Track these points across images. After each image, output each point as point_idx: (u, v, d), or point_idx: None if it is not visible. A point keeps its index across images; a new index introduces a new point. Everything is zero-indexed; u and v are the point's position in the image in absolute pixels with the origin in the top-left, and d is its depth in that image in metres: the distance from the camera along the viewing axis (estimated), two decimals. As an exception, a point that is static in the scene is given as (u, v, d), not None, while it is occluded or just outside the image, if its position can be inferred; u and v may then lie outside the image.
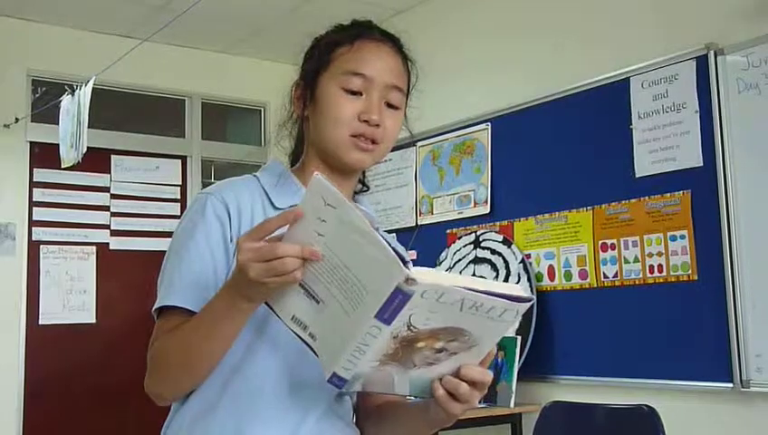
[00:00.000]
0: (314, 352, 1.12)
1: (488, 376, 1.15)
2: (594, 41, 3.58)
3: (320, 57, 1.37)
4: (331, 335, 1.09)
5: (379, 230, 1.03)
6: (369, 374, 1.11)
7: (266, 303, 1.14)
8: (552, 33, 3.78)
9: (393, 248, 1.00)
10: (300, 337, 1.13)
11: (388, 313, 1.01)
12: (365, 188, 1.50)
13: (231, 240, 1.27)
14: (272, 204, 1.32)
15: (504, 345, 3.59)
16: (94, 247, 4.77)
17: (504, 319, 1.07)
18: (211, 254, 1.26)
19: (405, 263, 0.98)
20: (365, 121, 1.31)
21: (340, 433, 1.33)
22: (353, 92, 1.32)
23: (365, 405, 1.43)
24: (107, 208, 4.84)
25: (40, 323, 4.55)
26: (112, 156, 4.88)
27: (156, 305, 1.27)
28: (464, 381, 1.14)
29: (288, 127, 1.45)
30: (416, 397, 1.20)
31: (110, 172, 4.87)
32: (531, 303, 1.06)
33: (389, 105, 1.35)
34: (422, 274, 0.99)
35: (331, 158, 1.35)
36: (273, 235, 1.08)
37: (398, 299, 0.99)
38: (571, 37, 3.69)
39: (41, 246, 4.61)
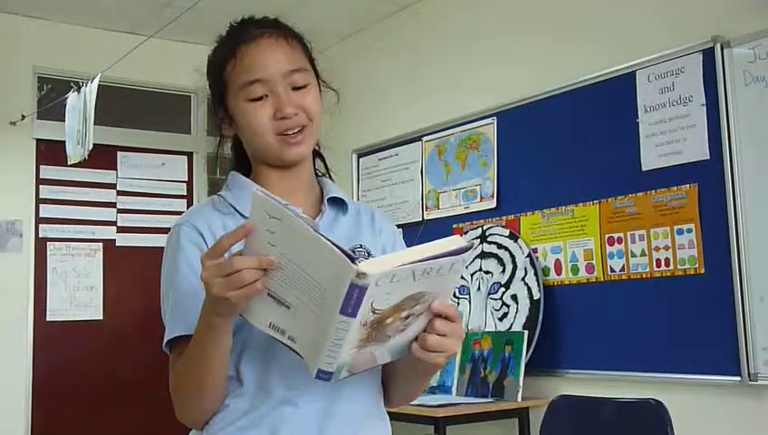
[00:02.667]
0: (297, 353, 1.16)
1: (448, 309, 1.19)
2: (600, 34, 3.57)
3: (215, 83, 1.42)
4: (308, 335, 1.13)
5: (319, 231, 1.07)
6: (351, 360, 1.16)
7: (243, 317, 1.18)
8: (558, 27, 3.76)
9: (339, 247, 1.04)
10: (280, 341, 1.17)
11: (350, 307, 1.06)
12: (325, 172, 1.53)
13: None
14: (242, 215, 1.35)
15: (512, 340, 3.60)
16: (101, 244, 4.79)
17: (454, 271, 1.13)
18: (197, 277, 1.26)
19: (353, 260, 1.03)
20: (282, 118, 1.34)
21: (371, 402, 1.38)
22: (259, 98, 1.34)
23: None
24: (113, 205, 4.85)
25: (47, 319, 4.57)
26: (118, 152, 4.90)
27: (169, 337, 1.32)
28: (431, 333, 1.19)
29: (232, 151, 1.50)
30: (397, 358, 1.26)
31: (116, 169, 4.89)
32: (472, 249, 1.13)
33: (296, 88, 1.36)
34: (370, 265, 1.04)
35: (272, 161, 1.39)
36: (233, 251, 1.12)
37: (356, 293, 1.04)
38: (576, 31, 3.68)
39: (48, 242, 4.62)
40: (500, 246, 3.86)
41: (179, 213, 5.18)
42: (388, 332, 1.16)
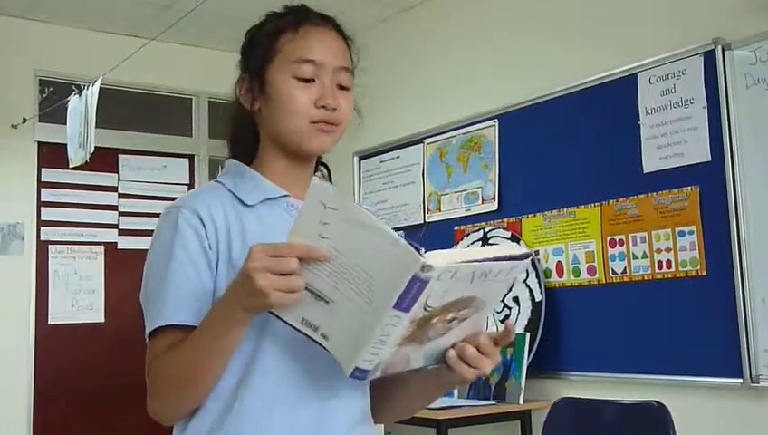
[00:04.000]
0: (329, 351, 1.13)
1: (511, 335, 1.22)
2: (601, 37, 3.57)
3: (264, 49, 1.34)
4: (347, 333, 1.09)
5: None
6: (387, 359, 1.13)
7: (273, 313, 1.13)
8: (560, 30, 3.77)
9: (404, 238, 1.01)
10: (312, 339, 1.13)
11: (406, 301, 1.03)
12: (321, 168, 1.48)
13: (210, 248, 1.26)
14: (242, 203, 1.31)
15: (514, 342, 3.59)
16: (102, 247, 4.79)
17: (510, 277, 1.14)
18: (193, 265, 1.24)
19: (418, 251, 1.00)
20: (322, 107, 1.30)
21: (361, 410, 1.34)
22: (306, 80, 1.30)
23: None
24: (115, 208, 4.85)
25: (49, 322, 4.57)
26: (120, 155, 4.90)
27: (151, 327, 1.24)
28: (472, 345, 1.20)
29: (237, 123, 1.42)
30: (429, 366, 1.24)
31: (117, 172, 4.89)
32: (531, 257, 1.12)
33: (341, 87, 1.34)
34: (435, 258, 1.01)
35: (292, 148, 1.33)
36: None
37: (416, 287, 1.01)
38: (578, 33, 3.68)
39: (49, 245, 4.62)
40: (501, 248, 3.86)
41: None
42: (431, 333, 1.13)
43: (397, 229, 1.06)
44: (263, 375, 1.23)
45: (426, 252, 1.01)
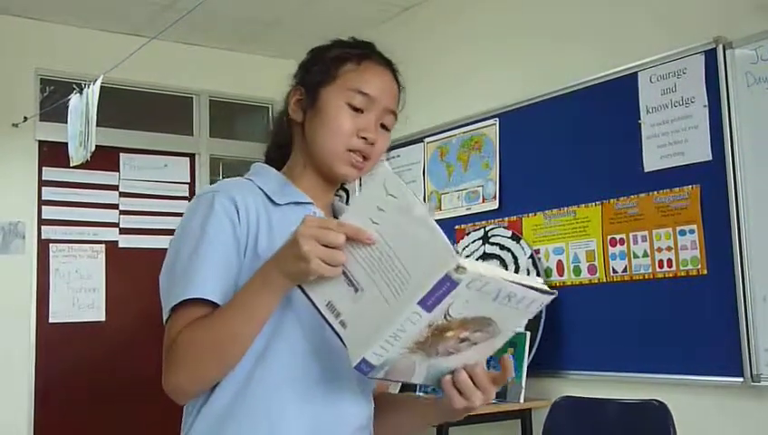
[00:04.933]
0: (342, 340, 1.14)
1: (509, 372, 1.26)
2: (602, 35, 3.57)
3: (325, 70, 1.40)
4: (365, 323, 1.11)
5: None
6: (394, 362, 1.14)
7: (302, 290, 1.17)
8: (560, 29, 3.77)
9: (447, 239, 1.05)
10: (330, 325, 1.15)
11: (431, 300, 1.04)
12: (340, 191, 1.54)
13: (240, 235, 1.29)
14: (271, 201, 1.35)
15: (514, 341, 3.59)
16: (103, 246, 4.79)
17: (529, 310, 1.15)
18: (225, 247, 1.27)
19: (458, 253, 1.03)
20: (362, 138, 1.36)
21: (366, 415, 1.37)
22: (356, 109, 1.37)
23: None
24: (116, 207, 4.85)
25: (50, 321, 4.57)
26: (121, 154, 4.90)
27: (177, 299, 1.25)
28: (471, 377, 1.22)
29: (276, 126, 1.49)
30: (426, 386, 1.25)
31: (118, 170, 4.89)
32: (554, 296, 1.14)
33: (383, 126, 1.41)
34: (470, 262, 1.03)
35: (323, 167, 1.39)
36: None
37: (445, 287, 1.03)
38: (579, 32, 3.68)
39: (50, 244, 4.63)
40: (502, 247, 3.86)
41: (182, 214, 5.21)
42: (440, 348, 1.14)
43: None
44: (272, 370, 1.26)
45: (462, 257, 1.05)
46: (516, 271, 3.74)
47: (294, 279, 1.16)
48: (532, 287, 1.11)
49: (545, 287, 1.13)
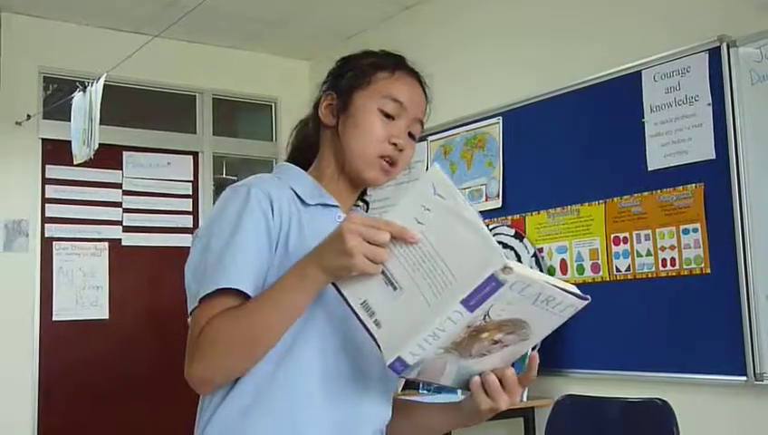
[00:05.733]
0: (375, 339, 1.14)
1: (517, 391, 1.27)
2: (606, 34, 3.57)
3: (359, 76, 1.43)
4: (401, 322, 1.11)
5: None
6: (429, 362, 1.14)
7: (337, 288, 1.17)
8: (564, 27, 3.76)
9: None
10: (363, 324, 1.15)
11: (475, 299, 1.05)
12: (362, 203, 1.56)
13: (272, 230, 1.30)
14: (301, 200, 1.37)
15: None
16: (107, 244, 4.79)
17: (563, 315, 1.16)
18: (258, 244, 1.27)
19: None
20: (393, 145, 1.39)
21: (386, 417, 1.38)
22: (388, 115, 1.40)
23: None
24: (119, 205, 4.86)
25: (54, 319, 4.58)
26: (124, 152, 4.90)
27: (211, 288, 1.23)
28: (499, 379, 1.24)
29: (302, 130, 1.52)
30: (453, 388, 1.26)
31: (121, 169, 4.89)
32: (588, 302, 1.15)
33: (411, 135, 1.43)
34: (515, 265, 1.04)
35: (352, 169, 1.41)
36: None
37: (490, 286, 1.04)
38: (582, 30, 3.67)
39: (54, 242, 4.63)
40: (505, 245, 3.85)
41: (185, 212, 5.26)
42: (475, 348, 1.15)
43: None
44: (297, 368, 1.26)
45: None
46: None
47: (334, 275, 1.16)
48: (569, 292, 1.12)
49: (580, 293, 1.14)
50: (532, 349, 1.30)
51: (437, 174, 1.11)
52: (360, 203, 1.55)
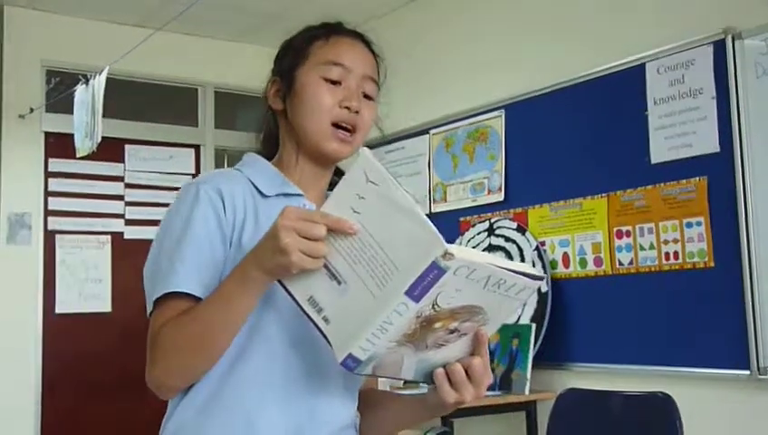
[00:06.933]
0: (325, 337, 1.11)
1: (485, 375, 1.20)
2: (610, 26, 3.55)
3: (296, 52, 1.39)
4: (349, 317, 1.08)
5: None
6: (382, 356, 1.11)
7: (282, 285, 1.13)
8: (567, 19, 3.75)
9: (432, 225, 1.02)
10: (312, 321, 1.12)
11: (419, 289, 1.01)
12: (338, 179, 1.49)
13: (226, 227, 1.27)
14: (259, 192, 1.33)
15: (519, 333, 3.59)
16: (109, 237, 4.80)
17: (519, 297, 1.11)
18: (209, 240, 1.25)
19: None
20: (346, 108, 1.34)
21: (351, 413, 1.35)
22: (333, 82, 1.35)
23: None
24: (121, 198, 4.86)
25: (56, 312, 4.58)
26: (126, 145, 4.90)
27: (161, 292, 1.22)
28: (465, 369, 1.18)
29: (264, 122, 1.48)
30: (416, 382, 1.22)
31: (124, 162, 4.89)
32: (543, 281, 1.09)
33: (365, 96, 1.38)
34: (457, 250, 1.00)
35: (311, 148, 1.36)
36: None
37: (433, 274, 1.00)
38: (586, 22, 3.66)
39: (56, 235, 4.63)
40: (507, 239, 3.85)
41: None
42: (429, 340, 1.11)
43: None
44: (250, 368, 1.24)
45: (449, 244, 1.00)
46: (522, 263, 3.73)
47: (274, 274, 1.13)
48: (521, 273, 1.07)
49: (534, 272, 1.10)
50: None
51: (368, 159, 1.06)
52: (337, 179, 1.47)
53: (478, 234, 4.01)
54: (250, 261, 1.14)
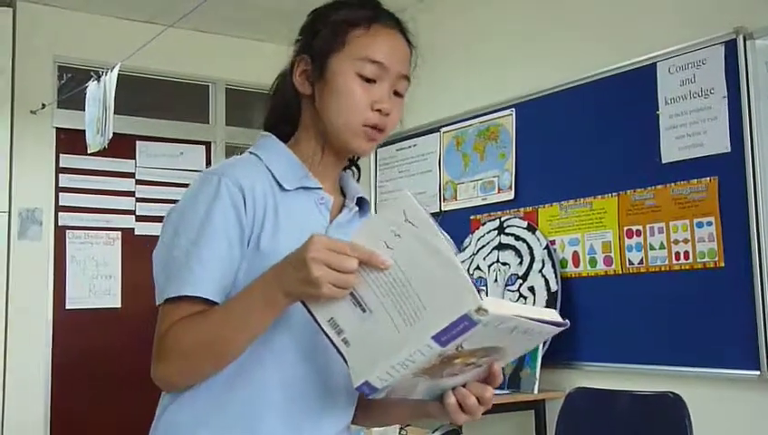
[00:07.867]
0: (343, 356, 1.11)
1: (490, 397, 1.21)
2: (621, 26, 3.55)
3: (332, 37, 1.32)
4: (370, 345, 1.08)
5: (456, 254, 1.05)
6: (398, 383, 1.11)
7: (304, 304, 1.12)
8: (578, 19, 3.74)
9: (470, 275, 1.01)
10: (332, 341, 1.11)
11: (447, 336, 1.01)
12: (352, 167, 1.48)
13: (245, 224, 1.23)
14: (280, 185, 1.29)
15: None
16: (120, 233, 4.81)
17: (540, 339, 1.15)
18: (228, 239, 1.21)
19: (479, 292, 0.99)
20: (378, 111, 1.29)
21: (348, 418, 1.35)
22: (368, 79, 1.30)
23: None
24: (132, 194, 4.87)
25: (66, 307, 4.60)
26: (137, 142, 4.92)
27: (174, 293, 1.19)
28: (474, 394, 1.19)
29: (281, 99, 1.41)
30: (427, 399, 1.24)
31: (135, 158, 4.91)
32: (566, 327, 1.12)
33: (396, 93, 1.34)
34: (492, 304, 0.99)
35: (337, 142, 1.33)
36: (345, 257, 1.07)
37: (463, 325, 1.00)
38: (597, 22, 3.65)
39: (67, 231, 4.65)
40: (518, 237, 3.85)
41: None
42: (447, 371, 1.12)
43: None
44: (255, 377, 1.22)
45: (483, 295, 1.00)
46: (531, 262, 3.73)
47: (300, 299, 1.11)
48: (548, 322, 1.08)
49: (560, 320, 1.11)
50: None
51: (409, 200, 1.05)
52: (354, 169, 1.48)
53: (488, 232, 4.01)
54: (274, 284, 1.12)
